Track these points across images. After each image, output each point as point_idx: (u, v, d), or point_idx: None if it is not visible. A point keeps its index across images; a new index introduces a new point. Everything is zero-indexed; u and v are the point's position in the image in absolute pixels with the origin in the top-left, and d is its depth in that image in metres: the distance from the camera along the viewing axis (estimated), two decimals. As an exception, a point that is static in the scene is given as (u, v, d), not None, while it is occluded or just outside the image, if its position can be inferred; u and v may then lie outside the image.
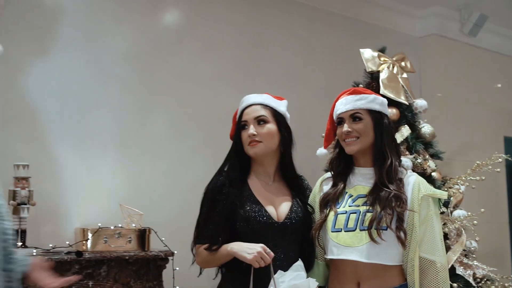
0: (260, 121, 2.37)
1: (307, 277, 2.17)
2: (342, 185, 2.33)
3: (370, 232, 2.13)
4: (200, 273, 2.38)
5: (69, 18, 3.45)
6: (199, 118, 3.88)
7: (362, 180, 2.31)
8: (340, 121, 2.32)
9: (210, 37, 3.98)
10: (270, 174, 2.41)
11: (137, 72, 3.65)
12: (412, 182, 2.26)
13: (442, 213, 2.26)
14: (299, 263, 2.18)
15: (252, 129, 2.34)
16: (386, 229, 2.14)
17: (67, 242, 3.08)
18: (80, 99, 3.43)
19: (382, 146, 2.28)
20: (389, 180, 2.22)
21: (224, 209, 2.26)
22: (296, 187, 2.44)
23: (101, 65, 3.52)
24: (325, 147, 2.60)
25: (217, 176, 2.37)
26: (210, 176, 2.39)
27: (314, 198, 2.43)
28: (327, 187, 2.39)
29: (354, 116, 2.29)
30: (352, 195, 2.28)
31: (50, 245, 3.02)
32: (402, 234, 2.14)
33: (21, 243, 3.01)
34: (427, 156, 3.36)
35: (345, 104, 2.31)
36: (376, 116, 2.30)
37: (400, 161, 2.36)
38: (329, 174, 2.45)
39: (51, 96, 3.35)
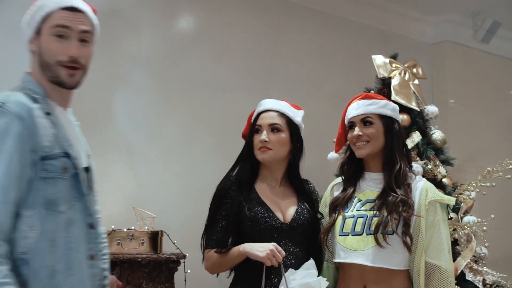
0: (274, 129, 2.40)
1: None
2: (351, 190, 2.35)
3: (376, 236, 2.15)
4: (217, 275, 2.41)
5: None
6: (212, 123, 3.92)
7: (371, 185, 2.33)
8: (351, 125, 2.35)
9: (224, 43, 4.02)
10: (277, 179, 2.44)
11: (151, 77, 3.70)
12: (420, 187, 2.27)
13: (450, 219, 2.27)
14: (311, 262, 2.20)
15: (264, 135, 2.37)
16: (392, 234, 2.16)
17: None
18: (95, 103, 3.47)
19: (392, 151, 2.30)
20: (397, 185, 2.24)
21: (231, 211, 2.29)
22: (302, 191, 2.47)
23: (116, 70, 3.57)
24: (336, 151, 2.63)
25: (225, 179, 2.41)
26: (222, 180, 2.44)
27: (325, 202, 2.45)
28: (337, 192, 2.42)
29: (365, 121, 2.31)
30: (361, 200, 2.30)
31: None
32: (408, 239, 2.15)
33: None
34: (437, 162, 3.36)
35: (356, 108, 2.34)
36: (387, 121, 2.32)
37: (411, 166, 2.38)
38: (340, 179, 2.48)
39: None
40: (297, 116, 2.50)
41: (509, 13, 4.95)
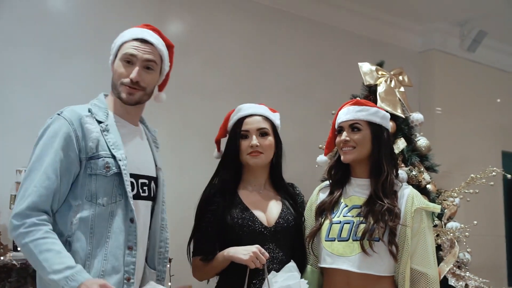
0: (263, 133, 2.43)
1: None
2: (338, 194, 2.36)
3: (362, 243, 2.17)
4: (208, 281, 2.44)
5: (73, 28, 3.52)
6: (201, 128, 3.94)
7: (358, 191, 2.34)
8: (340, 129, 2.37)
9: (214, 49, 4.06)
10: (261, 183, 2.46)
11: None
12: (406, 195, 2.29)
13: (435, 226, 2.30)
14: (292, 264, 2.22)
15: (255, 140, 2.39)
16: (378, 241, 2.18)
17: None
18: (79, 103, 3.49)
19: (379, 158, 2.31)
20: (383, 193, 2.26)
21: (216, 218, 2.31)
22: (286, 194, 2.49)
23: (106, 75, 3.59)
24: (325, 154, 2.65)
25: (208, 186, 2.44)
26: (209, 184, 2.46)
27: (311, 206, 2.46)
28: (324, 196, 2.44)
29: (353, 126, 2.33)
30: (347, 205, 2.31)
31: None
32: (394, 248, 2.17)
33: (22, 247, 3.06)
34: (422, 169, 3.40)
35: (346, 113, 2.36)
36: (376, 129, 2.34)
37: (397, 174, 2.40)
38: (327, 183, 2.49)
39: (55, 103, 3.41)
40: (277, 119, 2.53)
41: (495, 23, 5.02)
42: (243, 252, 2.18)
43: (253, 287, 2.22)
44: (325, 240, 2.27)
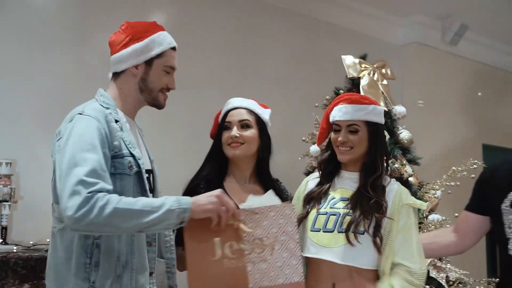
0: (244, 125, 2.43)
1: None
2: (327, 186, 2.37)
3: (347, 234, 2.18)
4: None
5: (55, 20, 3.48)
6: (184, 121, 3.92)
7: (346, 184, 2.35)
8: (337, 128, 2.36)
9: (198, 41, 4.03)
10: (246, 176, 2.47)
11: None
12: (394, 191, 2.29)
13: (420, 223, 2.31)
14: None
15: (235, 131, 2.40)
16: (363, 233, 2.18)
17: (48, 240, 3.09)
18: (65, 99, 3.45)
19: (374, 157, 2.31)
20: (372, 187, 2.27)
21: None
22: (272, 189, 2.49)
23: (86, 67, 3.56)
24: (318, 145, 2.63)
25: (194, 178, 2.43)
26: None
27: (299, 196, 2.46)
28: (312, 186, 2.44)
29: (351, 128, 2.32)
30: (335, 198, 2.32)
31: (31, 242, 3.04)
32: (378, 240, 2.17)
33: (1, 240, 3.02)
34: (404, 161, 3.42)
35: (344, 112, 2.32)
36: (373, 127, 2.32)
37: (387, 170, 2.41)
38: (315, 174, 2.50)
39: (37, 94, 3.38)
40: (265, 114, 2.53)
41: (477, 17, 5.06)
42: None
43: None
44: (310, 230, 2.27)
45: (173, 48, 2.16)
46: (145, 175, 2.01)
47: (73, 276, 1.83)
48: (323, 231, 2.24)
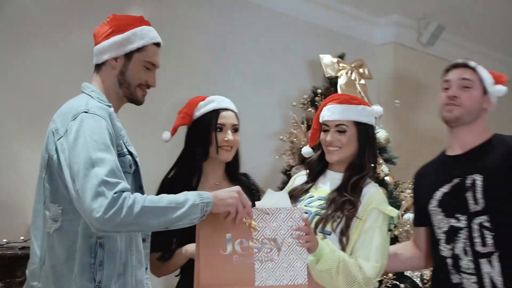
0: (236, 129, 2.45)
1: None
2: (310, 185, 2.39)
3: (315, 232, 2.19)
4: (178, 275, 2.42)
5: (33, 15, 3.43)
6: (161, 118, 3.89)
7: (328, 184, 2.36)
8: (326, 128, 2.37)
9: (176, 38, 4.00)
10: (219, 175, 2.47)
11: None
12: (370, 193, 2.30)
13: (390, 230, 2.31)
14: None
15: (230, 135, 2.40)
16: (330, 234, 2.20)
17: (22, 238, 3.06)
18: (41, 96, 3.41)
19: (363, 158, 2.33)
20: (351, 188, 2.28)
21: None
22: (242, 186, 2.50)
23: (65, 63, 3.51)
24: (310, 146, 2.63)
25: (166, 177, 2.43)
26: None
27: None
28: (299, 183, 2.45)
29: (339, 128, 2.33)
30: (313, 196, 2.33)
31: (4, 240, 3.00)
32: (344, 239, 2.19)
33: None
34: (381, 161, 3.45)
35: (333, 112, 2.33)
36: (362, 128, 2.33)
37: (375, 172, 2.43)
38: (304, 172, 2.51)
39: (11, 91, 3.33)
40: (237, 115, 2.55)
41: (453, 18, 5.11)
42: None
43: None
44: None
45: (157, 44, 2.12)
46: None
47: (77, 276, 1.81)
48: None
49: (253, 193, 2.52)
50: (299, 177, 2.50)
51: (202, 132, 2.43)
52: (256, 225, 1.92)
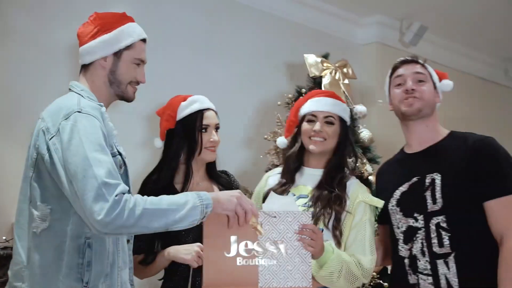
0: (217, 128, 2.46)
1: None
2: (290, 182, 2.39)
3: None
4: (161, 279, 2.41)
5: (13, 11, 3.39)
6: (145, 118, 3.87)
7: (307, 180, 2.37)
8: (311, 118, 2.38)
9: (160, 37, 3.98)
10: (201, 175, 2.47)
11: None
12: (353, 187, 2.34)
13: (375, 220, 2.36)
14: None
15: (215, 136, 2.42)
16: (322, 231, 2.21)
17: (4, 238, 3.03)
18: (21, 94, 3.37)
19: (342, 154, 2.36)
20: (337, 182, 2.30)
21: None
22: (222, 184, 2.51)
23: (45, 60, 3.48)
24: (286, 137, 2.64)
25: (147, 179, 2.42)
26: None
27: (259, 192, 2.48)
28: (273, 182, 2.45)
29: (328, 119, 2.35)
30: (295, 194, 2.34)
31: (-14, 241, 2.97)
32: (338, 233, 2.21)
33: (-46, 238, 2.95)
34: (364, 160, 3.46)
35: (323, 104, 2.37)
36: (344, 125, 2.39)
37: (355, 170, 2.45)
38: (276, 170, 2.51)
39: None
40: None
41: (436, 18, 5.14)
42: (184, 252, 2.18)
43: (197, 285, 2.21)
44: None
45: (143, 40, 2.13)
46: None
47: (64, 277, 1.80)
48: None
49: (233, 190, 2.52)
50: (272, 177, 2.50)
51: (187, 133, 2.42)
52: (261, 229, 1.94)
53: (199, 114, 2.43)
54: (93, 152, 1.75)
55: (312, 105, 2.39)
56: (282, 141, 2.61)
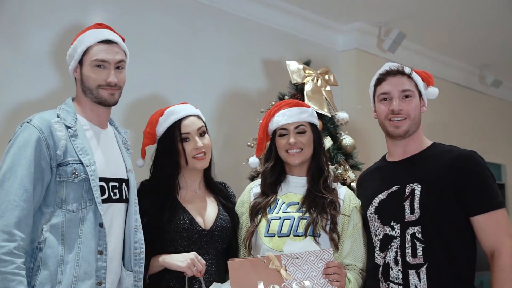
0: (202, 132, 2.41)
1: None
2: (273, 196, 2.39)
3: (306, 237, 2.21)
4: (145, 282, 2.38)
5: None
6: (125, 123, 3.84)
7: (294, 188, 2.38)
8: (283, 132, 2.37)
9: (138, 42, 3.95)
10: (198, 183, 2.45)
11: (63, 75, 3.57)
12: (344, 193, 2.37)
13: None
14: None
15: (199, 142, 2.36)
16: (320, 236, 2.23)
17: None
18: (3, 99, 3.32)
19: (320, 158, 2.38)
20: (325, 188, 2.32)
21: (151, 221, 2.27)
22: (220, 195, 2.49)
23: (25, 65, 3.43)
24: (257, 156, 2.64)
25: (145, 186, 2.40)
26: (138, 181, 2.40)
27: (243, 203, 2.47)
28: (257, 192, 2.45)
29: (299, 129, 2.36)
30: (285, 202, 2.35)
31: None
32: (335, 236, 2.24)
33: None
34: (347, 167, 3.48)
35: (290, 116, 2.37)
36: (315, 129, 2.41)
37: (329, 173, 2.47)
38: (258, 181, 2.51)
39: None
40: (201, 115, 2.52)
41: (414, 25, 5.21)
42: (180, 259, 2.17)
43: None
44: (265, 236, 2.29)
45: (102, 42, 2.14)
46: (97, 183, 2.02)
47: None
48: (278, 236, 2.27)
49: (233, 204, 2.50)
50: (255, 187, 2.51)
51: (168, 147, 2.40)
52: (284, 273, 1.99)
53: (176, 125, 2.40)
54: (13, 169, 1.91)
55: (281, 119, 2.40)
56: (254, 161, 2.62)
